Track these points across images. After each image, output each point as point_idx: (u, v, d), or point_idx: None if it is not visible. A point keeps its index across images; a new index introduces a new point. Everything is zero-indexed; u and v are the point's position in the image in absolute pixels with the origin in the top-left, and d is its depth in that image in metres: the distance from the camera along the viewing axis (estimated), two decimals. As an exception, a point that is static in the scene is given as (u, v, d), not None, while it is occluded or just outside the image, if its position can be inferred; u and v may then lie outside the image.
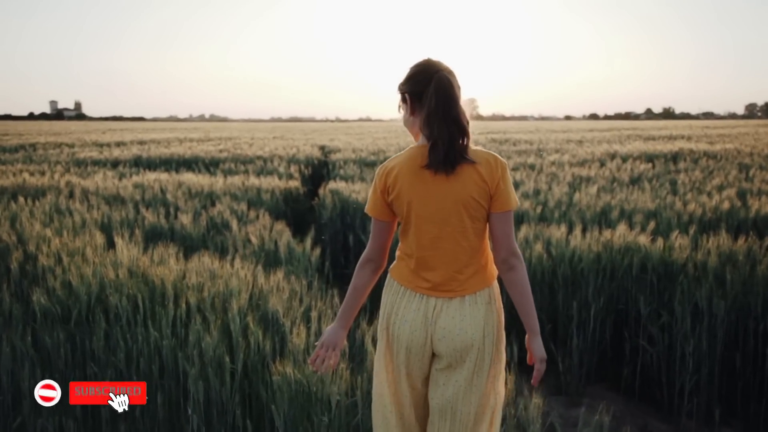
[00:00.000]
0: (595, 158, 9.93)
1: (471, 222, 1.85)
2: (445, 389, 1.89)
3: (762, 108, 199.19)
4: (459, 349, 1.85)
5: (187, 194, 6.35)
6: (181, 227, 4.88)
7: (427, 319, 1.86)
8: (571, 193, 6.37)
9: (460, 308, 1.85)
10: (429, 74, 1.84)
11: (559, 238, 4.25)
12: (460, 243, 1.86)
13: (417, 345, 1.87)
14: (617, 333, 3.99)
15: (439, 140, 1.80)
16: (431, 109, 1.81)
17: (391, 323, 1.90)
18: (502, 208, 1.85)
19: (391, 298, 1.93)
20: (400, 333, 1.88)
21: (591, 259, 3.99)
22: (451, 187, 1.82)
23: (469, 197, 1.82)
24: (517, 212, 5.56)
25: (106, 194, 6.04)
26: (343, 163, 9.68)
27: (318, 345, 1.98)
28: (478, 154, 1.85)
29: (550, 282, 4.10)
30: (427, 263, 1.88)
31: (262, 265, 4.32)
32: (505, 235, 1.87)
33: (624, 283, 3.96)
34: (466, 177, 1.82)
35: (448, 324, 1.85)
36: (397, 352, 1.90)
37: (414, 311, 1.87)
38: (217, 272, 3.31)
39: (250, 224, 4.98)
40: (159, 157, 10.72)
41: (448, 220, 1.84)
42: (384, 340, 1.94)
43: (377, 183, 1.90)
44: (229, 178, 7.43)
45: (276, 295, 3.06)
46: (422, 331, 1.86)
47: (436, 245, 1.86)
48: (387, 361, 1.94)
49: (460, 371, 1.88)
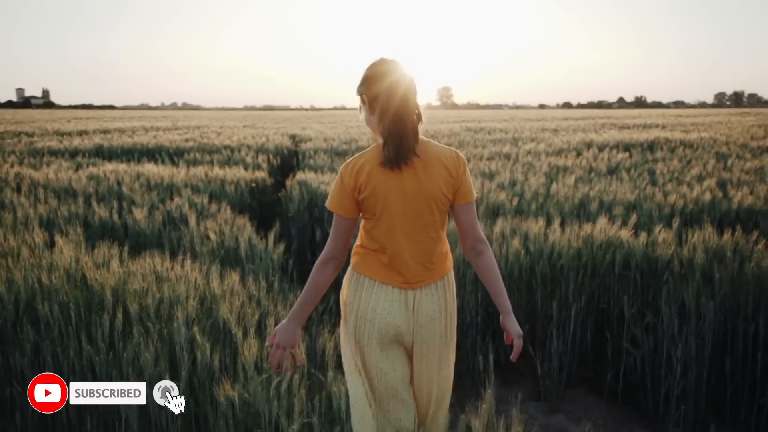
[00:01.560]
0: (571, 147, 9.74)
1: (439, 215, 1.96)
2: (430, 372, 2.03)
3: (731, 97, 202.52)
4: (438, 332, 1.99)
5: (145, 186, 5.99)
6: (133, 223, 4.54)
7: (408, 308, 1.96)
8: (548, 184, 6.14)
9: (435, 294, 1.99)
10: (382, 75, 1.91)
11: (537, 233, 4.01)
12: (430, 235, 1.96)
13: (401, 331, 1.97)
14: (598, 334, 3.77)
15: (388, 138, 1.88)
16: (382, 109, 1.90)
17: (368, 318, 1.96)
18: (465, 199, 1.97)
19: (364, 293, 1.98)
20: (383, 323, 1.95)
21: (571, 256, 3.75)
22: (424, 183, 1.90)
23: (439, 192, 1.92)
24: (493, 204, 5.32)
25: (57, 187, 5.66)
26: (314, 153, 9.36)
27: (274, 345, 1.99)
28: (440, 149, 1.96)
29: (527, 280, 3.85)
30: (401, 257, 1.94)
31: (220, 265, 4.03)
32: (471, 224, 2.01)
33: (606, 281, 3.73)
34: (435, 173, 1.91)
35: (429, 310, 1.97)
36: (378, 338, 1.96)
37: (396, 302, 1.95)
38: (165, 275, 3.00)
39: (211, 219, 4.66)
40: (121, 146, 10.28)
41: (420, 213, 1.93)
42: (353, 331, 1.99)
43: (346, 181, 1.93)
44: (192, 168, 7.07)
45: (229, 301, 2.76)
46: (405, 319, 1.96)
47: (410, 239, 1.94)
48: (356, 348, 2.00)
49: (436, 349, 2.02)
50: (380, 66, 1.94)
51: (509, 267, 3.84)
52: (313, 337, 2.82)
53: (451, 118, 29.88)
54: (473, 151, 9.40)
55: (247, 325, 2.65)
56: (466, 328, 3.79)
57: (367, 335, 1.97)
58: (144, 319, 2.60)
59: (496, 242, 3.98)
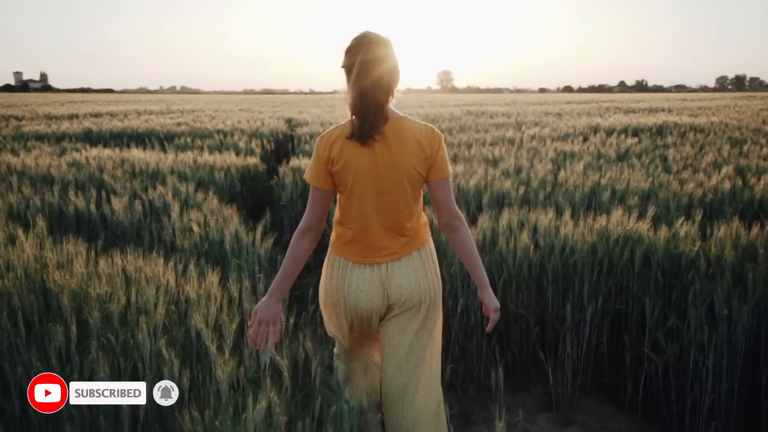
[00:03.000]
0: (577, 132, 9.37)
1: (411, 190, 1.98)
2: (402, 338, 2.08)
3: (732, 81, 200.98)
4: (414, 301, 2.04)
5: (129, 173, 5.64)
6: (111, 214, 4.21)
7: (383, 283, 2.02)
8: (555, 171, 5.81)
9: (408, 265, 2.03)
10: (358, 48, 1.90)
11: (548, 226, 3.69)
12: (401, 209, 1.99)
13: (376, 308, 2.05)
14: (615, 337, 3.45)
15: (355, 113, 1.92)
16: (353, 83, 1.91)
17: (344, 295, 2.04)
18: (440, 175, 1.99)
19: (339, 272, 2.05)
20: (358, 302, 2.03)
21: (585, 251, 3.42)
22: (396, 159, 1.93)
23: (411, 168, 1.94)
24: (498, 193, 4.98)
25: (34, 174, 5.32)
26: (309, 138, 9.00)
27: (255, 323, 2.04)
28: (416, 125, 1.99)
29: (537, 278, 3.53)
30: (372, 230, 1.99)
31: (204, 260, 3.70)
32: (446, 199, 2.02)
33: (623, 279, 3.41)
34: (408, 149, 1.93)
35: (403, 282, 2.02)
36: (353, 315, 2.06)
37: (369, 280, 2.02)
38: (135, 275, 2.67)
39: (195, 209, 4.32)
40: (110, 131, 9.91)
41: (392, 188, 1.95)
42: (331, 308, 2.12)
43: (320, 153, 1.98)
44: (181, 154, 6.72)
45: (205, 305, 2.43)
46: (380, 294, 2.03)
47: (380, 213, 1.98)
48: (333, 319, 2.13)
49: (414, 320, 2.07)
50: (361, 39, 1.93)
51: (517, 263, 3.52)
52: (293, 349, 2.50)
53: (452, 102, 29.45)
54: (475, 135, 9.05)
55: (225, 334, 2.33)
56: (470, 331, 3.47)
57: (344, 310, 2.07)
58: (105, 329, 2.28)
59: (502, 236, 3.65)
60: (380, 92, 1.90)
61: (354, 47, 1.92)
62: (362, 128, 1.91)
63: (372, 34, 1.94)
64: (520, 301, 3.54)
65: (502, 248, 3.58)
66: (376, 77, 1.88)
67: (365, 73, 1.88)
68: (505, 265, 3.54)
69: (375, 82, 1.88)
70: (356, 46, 1.92)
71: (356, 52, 1.90)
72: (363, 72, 1.88)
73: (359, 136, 1.92)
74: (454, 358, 3.44)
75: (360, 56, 1.88)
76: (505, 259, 3.55)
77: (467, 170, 5.69)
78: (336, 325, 2.17)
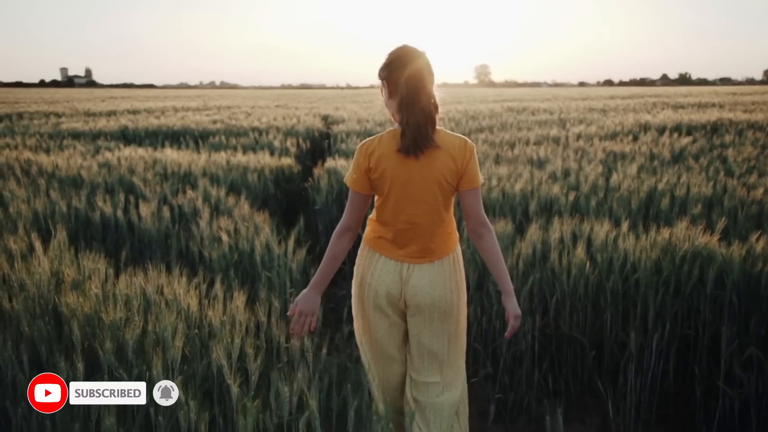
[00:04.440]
0: (625, 130, 8.92)
1: (443, 199, 2.09)
2: (420, 336, 2.21)
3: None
4: (427, 304, 2.14)
5: (160, 175, 5.47)
6: (138, 220, 4.01)
7: (401, 278, 2.15)
8: (606, 174, 5.44)
9: (429, 270, 2.14)
10: (402, 63, 2.02)
11: (604, 239, 3.36)
12: (432, 218, 2.10)
13: (393, 297, 2.18)
14: (683, 366, 3.11)
15: (407, 128, 2.01)
16: (402, 97, 2.01)
17: (368, 282, 2.19)
18: (470, 185, 2.10)
19: (367, 261, 2.20)
20: (378, 289, 2.17)
21: (648, 269, 3.09)
22: (429, 171, 2.04)
23: (442, 179, 2.05)
24: (545, 199, 4.65)
25: (64, 176, 5.18)
26: (346, 136, 8.74)
27: (296, 313, 2.16)
28: (449, 137, 2.09)
29: (594, 297, 3.21)
30: (405, 236, 2.12)
31: (234, 273, 3.49)
32: (474, 208, 2.12)
33: (693, 301, 3.06)
34: (440, 161, 2.04)
35: (418, 283, 2.13)
36: (374, 302, 2.20)
37: (390, 272, 2.15)
38: (154, 297, 2.45)
39: (226, 216, 4.10)
40: (146, 128, 9.82)
41: (424, 199, 2.07)
42: (357, 293, 2.25)
43: (360, 161, 2.10)
44: (215, 154, 6.54)
45: (228, 335, 2.19)
46: (398, 287, 2.16)
47: (413, 221, 2.10)
48: (360, 308, 2.26)
49: (431, 321, 2.18)
50: (402, 53, 2.04)
51: (572, 282, 3.20)
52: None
53: (491, 97, 28.91)
54: (518, 134, 8.68)
55: (249, 369, 2.08)
56: (519, 356, 3.17)
57: (367, 296, 2.20)
58: (118, 361, 2.05)
59: (554, 250, 3.33)
60: (429, 107, 2.03)
61: (395, 61, 2.04)
62: (416, 142, 2.01)
63: (412, 48, 2.05)
64: (575, 323, 3.22)
65: (554, 264, 3.27)
66: (426, 93, 2.02)
67: (415, 90, 2.00)
68: (558, 283, 3.23)
69: (425, 98, 2.02)
70: (398, 59, 2.03)
71: (399, 66, 2.02)
72: (413, 89, 2.00)
73: (411, 149, 2.02)
74: (502, 386, 3.15)
75: (405, 72, 2.00)
76: (558, 277, 3.24)
77: (512, 173, 5.36)
78: (363, 327, 2.29)
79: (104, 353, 2.03)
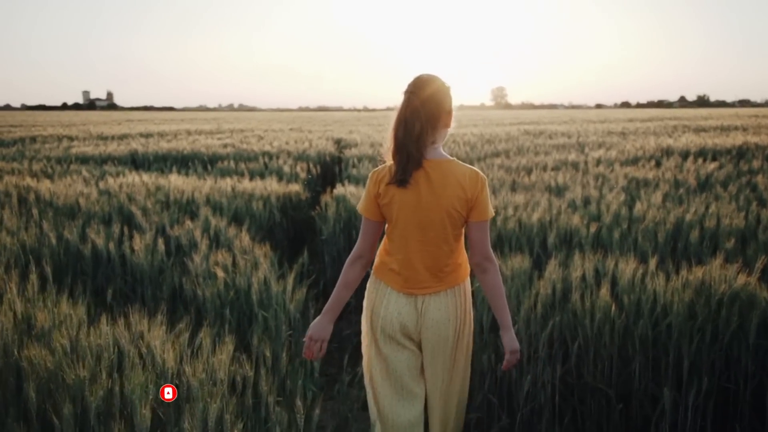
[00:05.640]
0: (647, 155, 8.61)
1: (452, 229, 2.11)
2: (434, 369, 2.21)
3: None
4: (444, 335, 2.16)
5: (162, 203, 5.26)
6: (131, 254, 3.78)
7: (417, 311, 2.15)
8: (629, 202, 5.14)
9: (444, 301, 2.15)
10: (415, 89, 2.07)
11: (631, 278, 3.06)
12: (441, 247, 2.12)
13: (408, 329, 2.16)
14: (721, 422, 2.79)
15: (396, 157, 2.09)
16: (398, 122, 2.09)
17: (381, 316, 2.18)
18: (479, 218, 2.12)
19: (379, 294, 2.19)
20: (392, 321, 2.16)
21: (681, 314, 2.79)
22: (438, 199, 2.07)
23: (452, 209, 2.08)
24: (565, 230, 4.36)
25: (61, 204, 4.98)
26: (358, 161, 8.51)
27: (308, 338, 2.19)
28: (460, 168, 2.11)
29: (621, 344, 2.91)
30: (412, 263, 2.12)
31: (222, 318, 3.24)
32: (481, 241, 2.14)
33: (733, 351, 2.75)
34: (450, 190, 2.07)
35: (436, 315, 2.14)
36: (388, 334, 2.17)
37: (405, 305, 2.15)
38: (128, 349, 2.19)
39: (224, 248, 3.86)
40: (155, 153, 9.68)
41: (432, 227, 2.09)
42: (369, 327, 2.23)
43: (371, 188, 2.16)
44: (221, 180, 6.33)
45: (206, 395, 1.93)
46: (414, 319, 2.15)
47: (422, 247, 2.11)
48: (372, 342, 2.23)
49: (444, 352, 2.19)
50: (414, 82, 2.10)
51: (596, 326, 2.90)
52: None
53: (507, 120, 28.69)
54: (535, 159, 8.40)
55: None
56: (538, 409, 2.88)
57: (380, 328, 2.18)
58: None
59: (576, 291, 3.04)
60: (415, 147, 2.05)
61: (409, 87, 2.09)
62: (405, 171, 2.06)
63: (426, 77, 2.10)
64: (599, 372, 2.92)
65: (576, 306, 2.98)
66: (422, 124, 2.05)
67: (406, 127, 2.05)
68: (581, 328, 2.94)
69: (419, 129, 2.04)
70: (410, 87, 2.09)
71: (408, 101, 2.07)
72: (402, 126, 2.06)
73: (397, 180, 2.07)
74: (519, 442, 2.84)
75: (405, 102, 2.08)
76: (580, 320, 2.95)
77: (528, 201, 5.09)
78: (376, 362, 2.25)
79: (62, 419, 1.77)
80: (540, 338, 2.92)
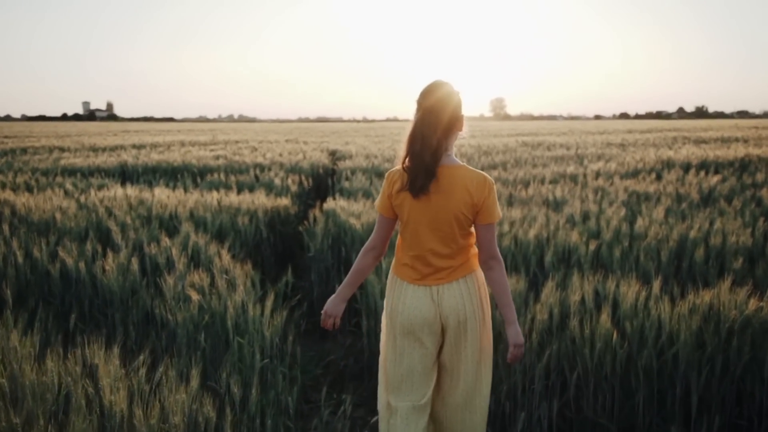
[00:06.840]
0: (647, 167, 8.41)
1: (459, 230, 2.23)
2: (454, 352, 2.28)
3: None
4: (462, 320, 2.24)
5: (143, 218, 5.05)
6: (101, 274, 3.56)
7: (434, 301, 2.25)
8: (630, 218, 4.93)
9: (458, 289, 2.25)
10: (423, 97, 2.20)
11: (633, 303, 2.85)
12: (449, 245, 2.23)
13: (429, 321, 2.25)
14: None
15: (412, 166, 2.18)
16: (413, 133, 2.20)
17: (399, 311, 2.27)
18: (486, 220, 2.22)
19: (396, 291, 2.31)
20: (411, 315, 2.25)
21: (689, 343, 2.57)
22: (446, 203, 2.19)
23: (459, 212, 2.19)
24: (563, 247, 4.15)
25: (36, 219, 4.77)
26: (351, 174, 8.30)
27: (324, 313, 2.37)
28: (469, 173, 2.22)
29: (623, 375, 2.69)
30: (424, 259, 2.25)
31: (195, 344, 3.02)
32: (488, 241, 2.25)
33: (745, 384, 2.53)
34: (458, 195, 2.18)
35: (452, 302, 2.24)
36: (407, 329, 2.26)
37: (422, 297, 2.25)
38: (73, 390, 1.97)
39: (202, 268, 3.64)
40: (145, 165, 9.47)
41: (441, 227, 2.21)
42: (389, 323, 2.34)
43: (386, 187, 2.28)
44: (207, 194, 6.12)
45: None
46: (432, 311, 2.24)
47: (431, 246, 2.23)
48: (391, 338, 2.33)
49: (464, 337, 2.26)
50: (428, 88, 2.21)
51: (596, 356, 2.68)
52: None
53: (505, 131, 28.52)
54: (532, 171, 8.20)
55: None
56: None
57: (399, 324, 2.27)
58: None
59: (575, 316, 2.82)
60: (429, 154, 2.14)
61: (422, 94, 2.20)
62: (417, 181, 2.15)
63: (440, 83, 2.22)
64: (600, 406, 2.70)
65: (575, 333, 2.76)
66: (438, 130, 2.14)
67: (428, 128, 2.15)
68: (580, 357, 2.72)
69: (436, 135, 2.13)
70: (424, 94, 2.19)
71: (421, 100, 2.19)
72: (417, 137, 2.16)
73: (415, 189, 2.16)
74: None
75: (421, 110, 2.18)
76: (579, 349, 2.73)
77: (525, 216, 4.88)
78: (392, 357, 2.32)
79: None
80: (536, 368, 2.69)
